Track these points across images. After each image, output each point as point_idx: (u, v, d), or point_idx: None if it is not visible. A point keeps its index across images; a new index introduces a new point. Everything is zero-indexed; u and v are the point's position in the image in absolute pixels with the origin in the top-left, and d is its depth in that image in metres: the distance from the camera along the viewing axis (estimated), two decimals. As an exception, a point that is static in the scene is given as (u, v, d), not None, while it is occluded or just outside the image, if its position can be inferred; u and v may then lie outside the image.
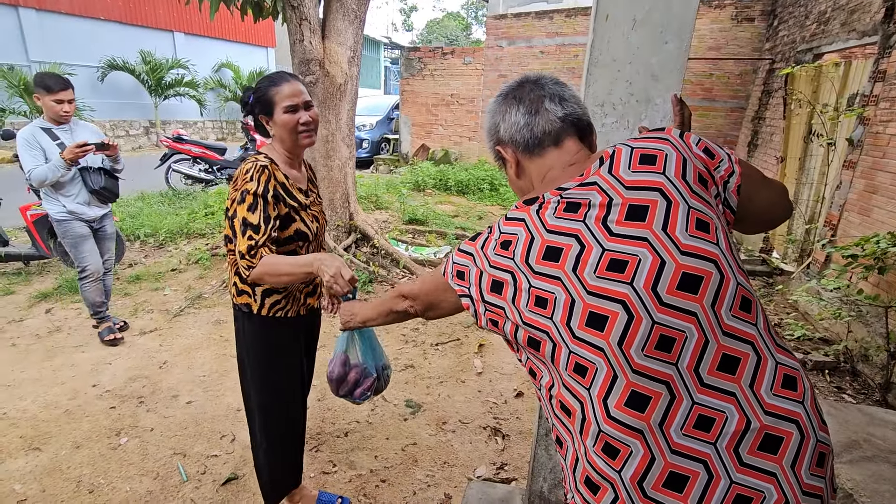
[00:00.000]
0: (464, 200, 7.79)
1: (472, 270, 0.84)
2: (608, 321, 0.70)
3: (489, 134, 0.93)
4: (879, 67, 3.77)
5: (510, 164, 0.91)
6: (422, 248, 5.12)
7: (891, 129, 3.55)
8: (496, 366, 3.13)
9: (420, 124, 10.11)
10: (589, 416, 0.73)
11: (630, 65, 1.01)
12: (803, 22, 5.48)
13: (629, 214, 0.72)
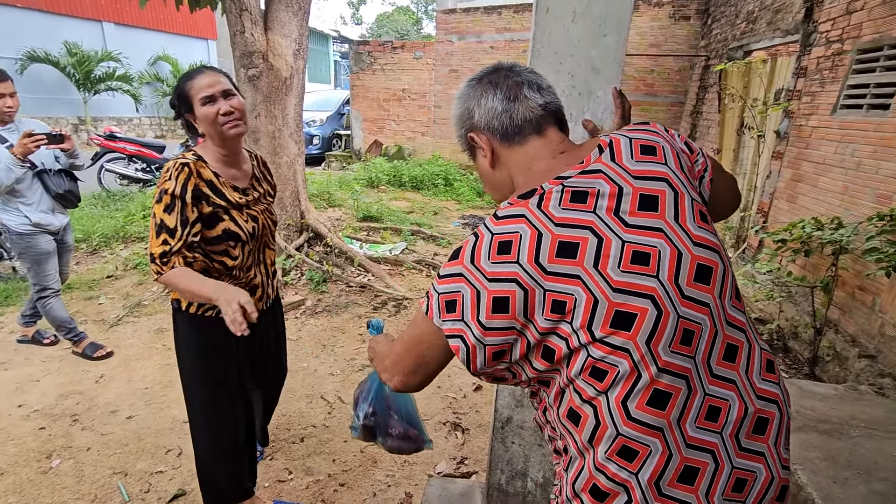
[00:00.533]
0: (418, 196, 7.76)
1: (465, 295, 0.68)
2: (636, 319, 0.66)
3: (460, 120, 0.85)
4: (801, 64, 4.04)
5: (484, 153, 0.83)
6: (377, 245, 5.05)
7: (812, 121, 3.82)
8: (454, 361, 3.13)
9: (372, 120, 9.96)
10: (604, 420, 0.68)
11: (571, 57, 1.02)
12: (734, 21, 5.80)
13: (641, 204, 0.68)
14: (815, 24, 3.93)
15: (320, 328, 3.47)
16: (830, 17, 3.73)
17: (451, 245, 5.35)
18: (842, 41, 3.56)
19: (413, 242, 5.33)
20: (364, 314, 3.68)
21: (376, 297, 3.97)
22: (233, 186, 1.49)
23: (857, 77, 3.40)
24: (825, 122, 3.65)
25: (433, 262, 4.66)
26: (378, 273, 4.29)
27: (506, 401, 1.35)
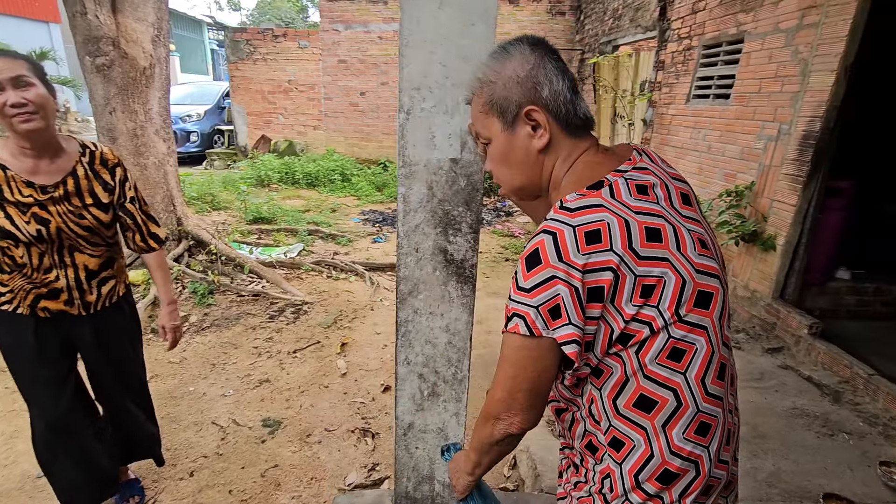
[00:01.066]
0: (314, 193, 7.41)
1: (565, 296, 0.66)
2: (713, 298, 0.71)
3: (516, 87, 0.75)
4: (659, 58, 4.49)
5: (541, 134, 0.76)
6: (270, 248, 4.72)
7: (671, 110, 4.26)
8: (361, 363, 3.03)
9: (257, 113, 9.28)
10: (686, 400, 0.70)
11: (442, 46, 0.98)
12: (603, 17, 6.28)
13: (683, 201, 0.76)
14: (668, 22, 4.37)
15: (208, 346, 3.15)
16: (680, 15, 4.17)
17: (350, 243, 5.18)
18: (690, 38, 4.00)
19: (311, 243, 5.07)
20: (259, 324, 3.42)
21: (272, 304, 3.70)
22: (26, 182, 1.33)
23: (703, 70, 3.84)
24: (681, 111, 4.10)
25: (334, 262, 4.47)
26: (273, 279, 4.00)
27: (406, 406, 1.30)
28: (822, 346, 2.72)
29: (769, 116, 3.07)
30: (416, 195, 1.10)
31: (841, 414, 2.46)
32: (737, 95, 3.39)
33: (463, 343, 1.20)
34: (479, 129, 0.82)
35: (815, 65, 2.70)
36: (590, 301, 0.66)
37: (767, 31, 3.09)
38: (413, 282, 1.16)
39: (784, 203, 2.95)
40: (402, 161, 1.07)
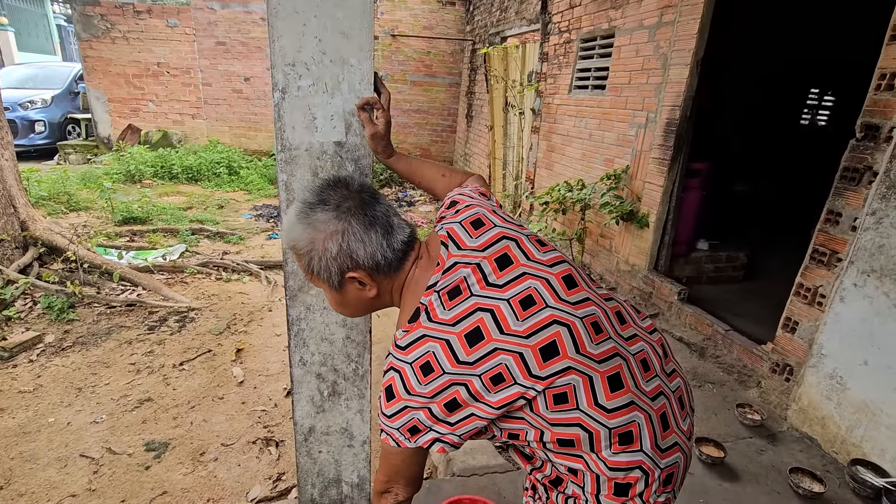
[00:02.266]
0: (197, 189, 6.74)
1: (420, 417, 0.76)
2: (558, 343, 0.75)
3: (335, 262, 0.80)
4: (543, 50, 4.72)
5: (369, 288, 0.83)
6: (145, 252, 4.20)
7: (556, 100, 4.52)
8: (260, 368, 2.82)
9: (121, 100, 8.17)
10: (592, 426, 0.76)
11: (316, 18, 0.90)
12: (490, 9, 6.45)
13: (500, 265, 0.80)
14: (549, 16, 4.61)
15: (71, 368, 2.72)
16: (559, 10, 4.42)
17: (242, 241, 4.79)
18: (569, 31, 4.25)
19: (195, 243, 4.60)
20: (136, 337, 3.03)
21: (151, 314, 3.30)
22: None
23: (582, 62, 4.12)
24: (565, 101, 4.36)
25: (223, 262, 4.10)
26: (151, 285, 3.57)
27: (305, 409, 1.22)
28: (689, 309, 3.09)
29: (638, 106, 3.37)
30: (299, 182, 1.01)
31: (706, 367, 2.82)
32: (611, 86, 3.68)
33: (362, 337, 1.15)
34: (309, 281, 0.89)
35: (673, 59, 3.02)
36: (450, 411, 0.75)
37: (634, 28, 3.39)
38: (303, 277, 1.07)
39: (653, 184, 3.28)
40: (281, 145, 0.98)
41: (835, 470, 2.03)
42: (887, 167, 1.86)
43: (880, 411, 1.89)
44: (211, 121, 8.29)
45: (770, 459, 2.08)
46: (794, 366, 2.30)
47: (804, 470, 1.94)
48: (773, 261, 4.04)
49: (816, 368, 2.15)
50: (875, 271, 1.91)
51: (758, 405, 2.39)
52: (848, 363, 2.02)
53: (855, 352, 1.99)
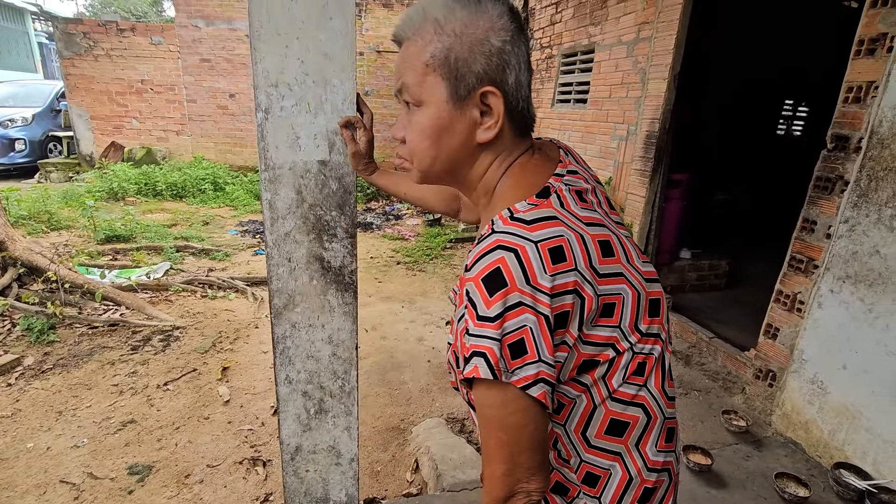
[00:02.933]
0: (182, 205, 6.68)
1: (533, 327, 0.55)
2: (660, 303, 0.67)
3: (486, 60, 0.60)
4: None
5: (491, 124, 0.63)
6: (128, 270, 4.14)
7: (539, 113, 4.60)
8: (246, 387, 2.78)
9: (104, 117, 8.11)
10: (654, 412, 0.66)
11: (298, 40, 0.92)
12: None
13: (602, 250, 0.63)
14: (531, 32, 4.71)
15: (52, 391, 2.66)
16: (541, 26, 4.52)
17: (228, 257, 4.75)
18: (551, 47, 4.35)
19: (180, 260, 4.55)
20: (119, 358, 2.97)
21: (135, 333, 3.25)
22: None
23: (564, 77, 4.20)
24: (548, 114, 4.44)
25: (209, 279, 4.06)
26: (134, 304, 3.52)
27: (292, 428, 1.21)
28: (674, 317, 3.13)
29: (619, 119, 3.45)
30: (283, 201, 1.02)
31: (691, 374, 2.86)
32: (592, 100, 3.76)
33: (348, 353, 1.15)
34: (408, 82, 0.64)
35: (652, 73, 3.10)
36: (556, 329, 0.57)
37: (613, 43, 3.48)
38: (288, 294, 1.08)
39: (636, 195, 3.34)
40: (265, 164, 0.99)
41: (819, 474, 2.06)
42: (857, 176, 1.93)
43: (860, 414, 1.93)
44: (196, 137, 8.25)
45: (756, 465, 2.11)
46: (777, 371, 2.34)
47: (789, 475, 1.96)
48: (754, 268, 4.13)
49: (798, 374, 2.19)
50: (850, 277, 1.97)
51: (743, 411, 2.42)
52: (828, 368, 2.06)
53: (834, 356, 2.03)
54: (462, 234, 5.74)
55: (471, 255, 0.61)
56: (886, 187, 1.80)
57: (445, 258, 5.16)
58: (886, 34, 1.80)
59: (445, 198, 1.08)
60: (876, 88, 1.83)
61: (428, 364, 3.07)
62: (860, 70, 1.93)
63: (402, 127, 0.69)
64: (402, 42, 0.66)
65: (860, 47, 1.91)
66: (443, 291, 4.27)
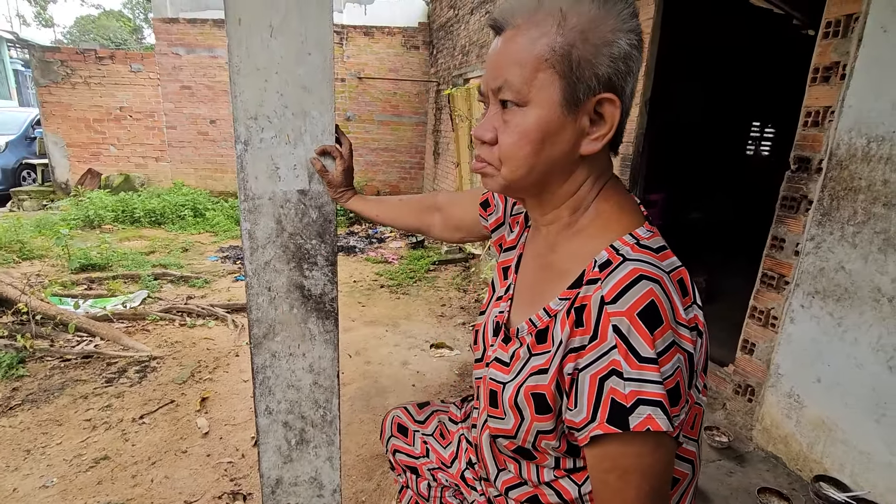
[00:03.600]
0: (160, 232, 6.58)
1: (683, 368, 0.51)
2: None
3: (610, 63, 0.54)
4: (504, 90, 4.94)
5: (600, 135, 0.57)
6: (104, 300, 4.04)
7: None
8: (226, 417, 2.71)
9: (81, 145, 8.00)
10: (697, 467, 0.63)
11: (277, 75, 0.94)
12: (453, 53, 6.74)
13: None
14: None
15: (20, 428, 2.55)
16: (517, 53, 4.66)
17: (208, 284, 4.67)
18: (527, 73, 4.48)
19: (158, 288, 4.46)
20: (92, 391, 2.88)
21: (110, 365, 3.16)
22: None
23: (541, 102, 4.33)
24: (527, 137, 4.54)
25: (188, 307, 3.98)
26: (109, 334, 3.42)
27: (272, 460, 1.19)
28: (655, 334, 3.17)
29: (595, 142, 3.56)
30: (263, 230, 1.03)
31: (674, 391, 2.88)
32: (569, 124, 3.88)
33: (330, 382, 1.14)
34: (512, 78, 0.55)
35: (624, 98, 3.22)
36: (691, 368, 0.53)
37: (586, 70, 3.61)
38: (268, 323, 1.07)
39: (614, 215, 3.41)
40: (244, 195, 1.00)
41: (800, 487, 2.09)
42: (820, 196, 2.01)
43: (836, 427, 1.97)
44: (175, 163, 8.19)
45: (739, 481, 2.12)
46: (755, 386, 2.38)
47: (772, 489, 1.98)
48: (731, 283, 4.22)
49: (775, 388, 2.24)
50: (819, 293, 2.04)
51: (724, 427, 2.45)
52: (803, 382, 2.11)
53: (808, 370, 2.08)
54: (445, 255, 5.77)
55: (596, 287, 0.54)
56: (847, 206, 1.89)
57: (429, 280, 5.16)
58: (839, 62, 1.92)
59: (419, 213, 1.07)
60: (832, 113, 1.94)
61: (413, 388, 3.04)
62: (817, 96, 2.04)
63: (490, 128, 0.60)
64: (503, 29, 0.57)
65: (815, 74, 2.02)
66: (427, 314, 4.26)
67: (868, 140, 1.75)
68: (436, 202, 1.05)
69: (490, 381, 0.67)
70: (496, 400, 0.64)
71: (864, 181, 1.77)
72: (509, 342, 0.67)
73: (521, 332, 0.65)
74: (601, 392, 0.51)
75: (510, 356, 0.66)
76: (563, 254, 0.64)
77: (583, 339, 0.55)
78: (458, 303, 4.55)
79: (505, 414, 0.63)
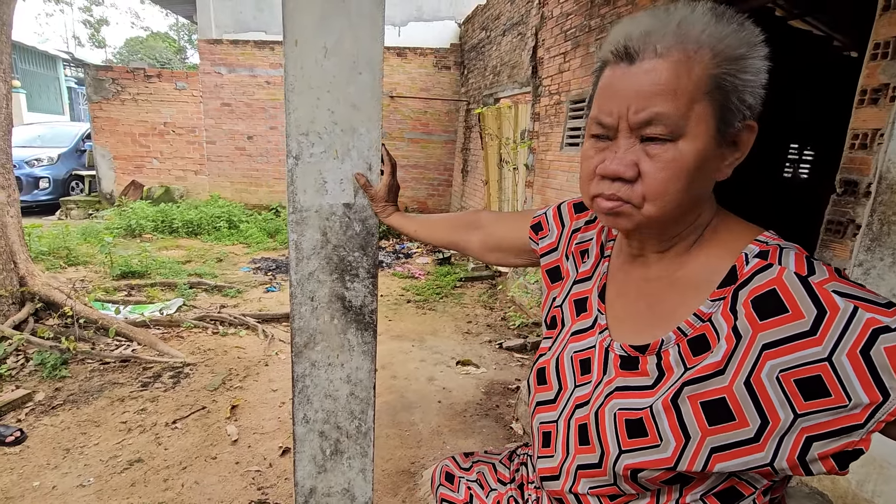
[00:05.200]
0: (197, 242, 6.81)
1: None
2: None
3: (758, 93, 0.54)
4: (535, 110, 4.97)
5: (733, 160, 0.58)
6: (142, 306, 4.19)
7: (549, 156, 4.71)
8: (255, 426, 2.75)
9: (126, 157, 8.42)
10: None
11: (329, 93, 0.98)
12: (484, 73, 6.84)
13: None
14: (540, 80, 4.89)
15: (61, 427, 2.65)
16: (549, 74, 4.70)
17: (240, 294, 4.79)
18: (559, 94, 4.50)
19: (193, 297, 4.60)
20: (129, 395, 2.97)
21: (146, 370, 3.26)
22: None
23: (573, 122, 4.33)
24: (557, 157, 4.54)
25: (220, 315, 4.09)
26: (146, 340, 3.54)
27: (307, 469, 1.20)
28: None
29: (628, 161, 3.52)
30: (308, 242, 1.06)
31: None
32: (601, 143, 3.86)
33: (366, 393, 1.15)
34: (665, 111, 0.52)
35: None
36: None
37: (620, 90, 3.60)
38: (309, 332, 1.10)
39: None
40: (293, 207, 1.04)
41: (849, 529, 1.97)
42: (869, 220, 1.94)
43: (888, 465, 1.86)
44: (213, 176, 8.50)
45: (782, 518, 2.02)
46: (798, 418, 2.27)
47: (818, 529, 1.87)
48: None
49: (820, 420, 2.13)
50: (868, 321, 1.94)
51: (765, 460, 2.34)
52: (851, 414, 2.00)
53: (857, 403, 1.98)
54: (472, 272, 5.76)
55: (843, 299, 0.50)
56: (899, 231, 1.81)
57: (455, 297, 5.16)
58: (888, 84, 1.86)
59: (458, 230, 1.05)
60: (881, 136, 1.87)
61: (439, 405, 3.03)
62: (865, 118, 1.98)
63: (629, 164, 0.56)
64: (637, 56, 0.54)
65: (863, 97, 1.97)
66: (453, 331, 4.25)
67: (921, 163, 1.68)
68: (477, 220, 1.03)
69: (622, 411, 0.62)
70: (642, 429, 0.59)
71: (918, 206, 1.70)
72: (636, 366, 0.63)
73: (665, 345, 0.60)
74: (873, 362, 0.47)
75: (653, 378, 0.61)
76: (690, 269, 0.62)
77: (797, 326, 0.51)
78: (484, 320, 4.53)
79: (662, 439, 0.57)
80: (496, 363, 3.65)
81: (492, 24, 6.49)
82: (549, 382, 0.73)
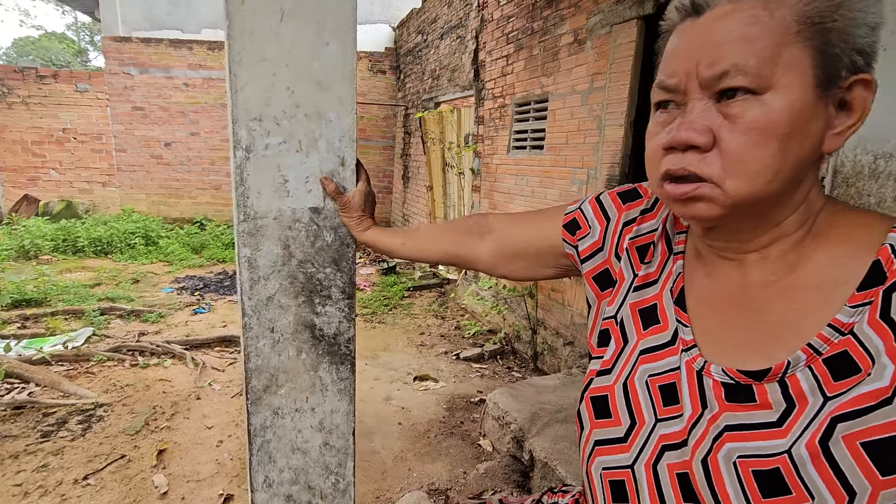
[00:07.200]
0: (107, 263, 6.05)
1: None
2: None
3: (870, 32, 0.44)
4: (479, 114, 4.90)
5: (849, 125, 0.46)
6: (40, 340, 3.58)
7: (495, 160, 4.64)
8: (188, 472, 2.38)
9: (16, 169, 7.36)
10: None
11: (287, 67, 0.77)
12: (422, 77, 6.71)
13: None
14: (482, 83, 4.83)
15: (-70, 501, 2.13)
16: (492, 77, 4.64)
17: (162, 319, 4.26)
18: (504, 97, 4.45)
19: (105, 325, 4.02)
20: (25, 448, 2.47)
21: (46, 416, 2.74)
22: None
23: (518, 125, 4.29)
24: (504, 160, 4.48)
25: (139, 345, 3.58)
26: (47, 379, 3.00)
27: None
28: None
29: (578, 164, 3.52)
30: (266, 257, 0.83)
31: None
32: (549, 146, 3.84)
33: (344, 441, 0.93)
34: (743, 61, 0.43)
35: (608, 120, 3.20)
36: None
37: (567, 93, 3.60)
38: (270, 373, 0.86)
39: (600, 237, 3.35)
40: (244, 214, 0.80)
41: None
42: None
43: None
44: (125, 188, 7.66)
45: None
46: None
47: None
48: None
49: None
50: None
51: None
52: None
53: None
54: (419, 281, 5.57)
55: None
56: (850, 223, 1.87)
57: (405, 307, 4.94)
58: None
59: (461, 238, 0.84)
60: (828, 131, 1.94)
61: (399, 427, 2.80)
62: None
63: (702, 128, 0.46)
64: (705, 6, 0.46)
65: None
66: (406, 344, 4.03)
67: (875, 157, 1.74)
68: (485, 224, 0.83)
69: (744, 459, 0.47)
70: (782, 484, 0.44)
71: (874, 197, 1.76)
72: (750, 397, 0.48)
73: (793, 367, 0.46)
74: None
75: (779, 412, 0.46)
76: (809, 269, 0.49)
77: None
78: (437, 331, 4.35)
79: (813, 496, 0.43)
80: (455, 375, 3.48)
81: (428, 28, 6.39)
82: (616, 415, 0.57)
